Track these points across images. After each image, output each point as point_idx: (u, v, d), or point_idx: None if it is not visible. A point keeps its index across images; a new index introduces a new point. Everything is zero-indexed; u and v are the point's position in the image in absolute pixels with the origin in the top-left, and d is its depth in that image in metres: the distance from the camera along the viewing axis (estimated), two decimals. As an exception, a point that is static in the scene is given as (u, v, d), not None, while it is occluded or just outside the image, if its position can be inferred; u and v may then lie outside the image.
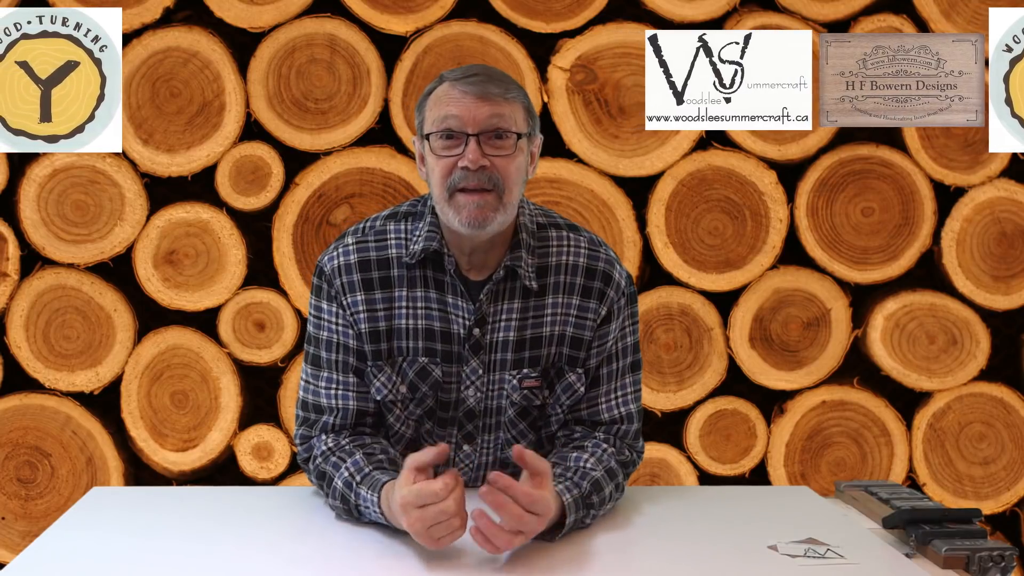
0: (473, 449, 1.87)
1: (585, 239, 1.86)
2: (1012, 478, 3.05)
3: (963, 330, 3.00)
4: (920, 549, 1.65)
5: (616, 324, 1.85)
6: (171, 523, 1.73)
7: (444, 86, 1.76)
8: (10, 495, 2.90)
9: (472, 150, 1.70)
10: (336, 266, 1.81)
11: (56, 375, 2.89)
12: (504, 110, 1.72)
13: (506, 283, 1.81)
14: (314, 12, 2.89)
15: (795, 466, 3.01)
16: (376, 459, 1.73)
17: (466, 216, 1.71)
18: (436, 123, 1.74)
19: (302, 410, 1.86)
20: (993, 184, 2.99)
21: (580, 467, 1.74)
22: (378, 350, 1.81)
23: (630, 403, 1.88)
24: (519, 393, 1.83)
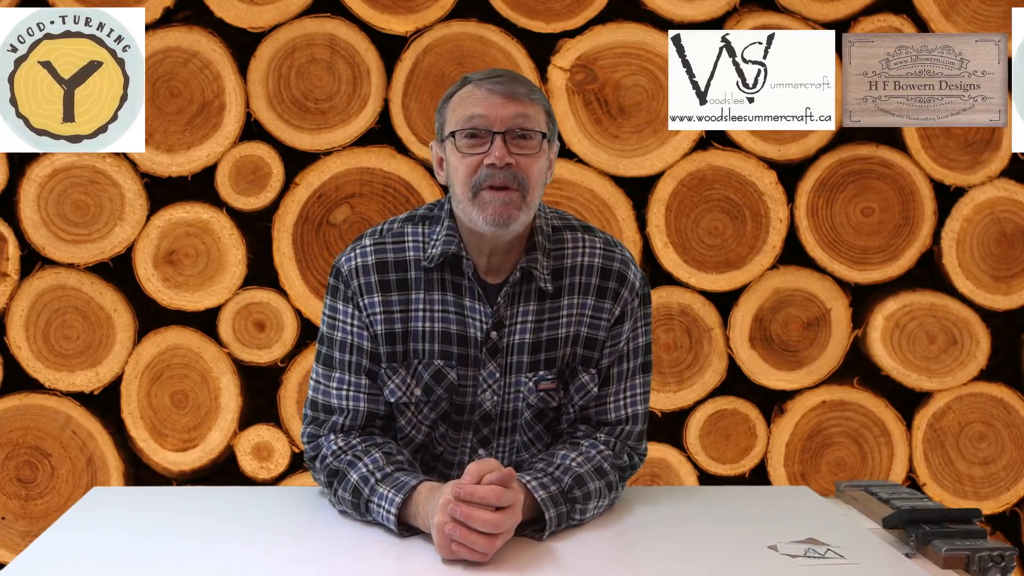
0: (488, 453, 1.87)
1: (600, 240, 1.86)
2: (1012, 478, 3.05)
3: (963, 330, 3.00)
4: (920, 549, 1.65)
5: (629, 324, 1.85)
6: (171, 523, 1.73)
7: (469, 87, 1.77)
8: (10, 495, 2.90)
9: (498, 147, 1.71)
10: (354, 267, 1.81)
11: (56, 375, 2.89)
12: (529, 110, 1.74)
13: (522, 285, 1.81)
14: (314, 12, 2.89)
15: (795, 466, 3.02)
16: (396, 459, 1.73)
17: (491, 213, 1.71)
18: (461, 122, 1.74)
19: (311, 409, 1.86)
20: (993, 184, 2.99)
21: (563, 463, 1.74)
22: (393, 352, 1.81)
23: (638, 404, 1.88)
24: (535, 395, 1.83)
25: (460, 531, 1.52)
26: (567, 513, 1.67)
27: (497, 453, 1.87)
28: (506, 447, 1.87)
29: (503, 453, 1.88)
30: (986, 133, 2.96)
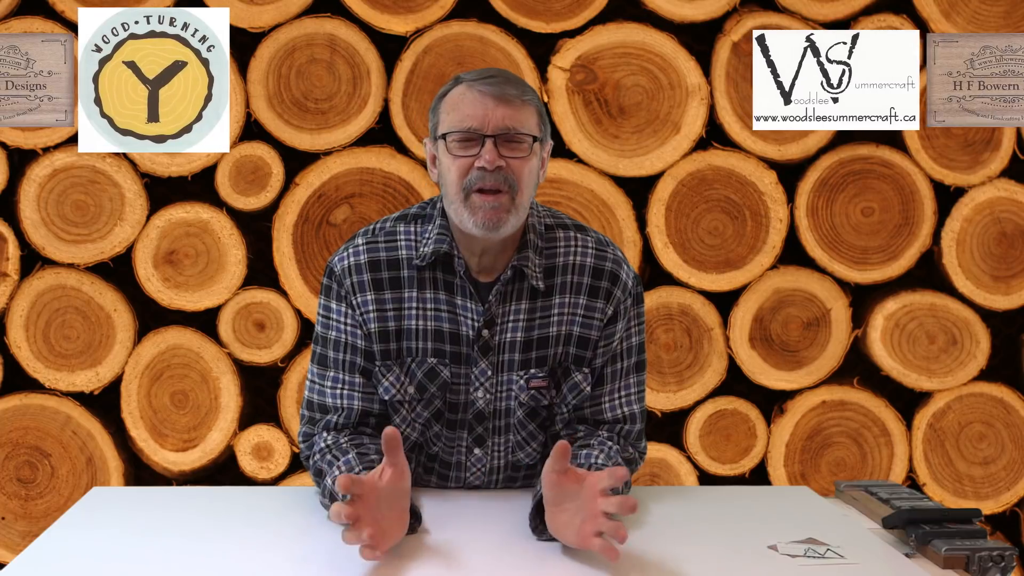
0: (484, 452, 1.87)
1: (592, 239, 1.86)
2: (1012, 478, 3.05)
3: (963, 330, 3.00)
4: (920, 549, 1.65)
5: (622, 324, 1.86)
6: (171, 523, 1.73)
7: (460, 87, 1.77)
8: (10, 495, 2.90)
9: (489, 151, 1.71)
10: (346, 266, 1.82)
11: (56, 375, 2.89)
12: (520, 113, 1.74)
13: (514, 284, 1.81)
14: (314, 12, 2.89)
15: (795, 466, 3.01)
16: (369, 459, 1.73)
17: (481, 218, 1.72)
18: (453, 124, 1.74)
19: (307, 409, 1.87)
20: (993, 184, 2.99)
21: (592, 463, 1.74)
22: (387, 350, 1.82)
23: (633, 403, 1.88)
24: (527, 394, 1.83)
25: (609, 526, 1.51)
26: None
27: (492, 453, 1.88)
28: (500, 446, 1.87)
29: (498, 452, 1.88)
30: (986, 133, 2.96)
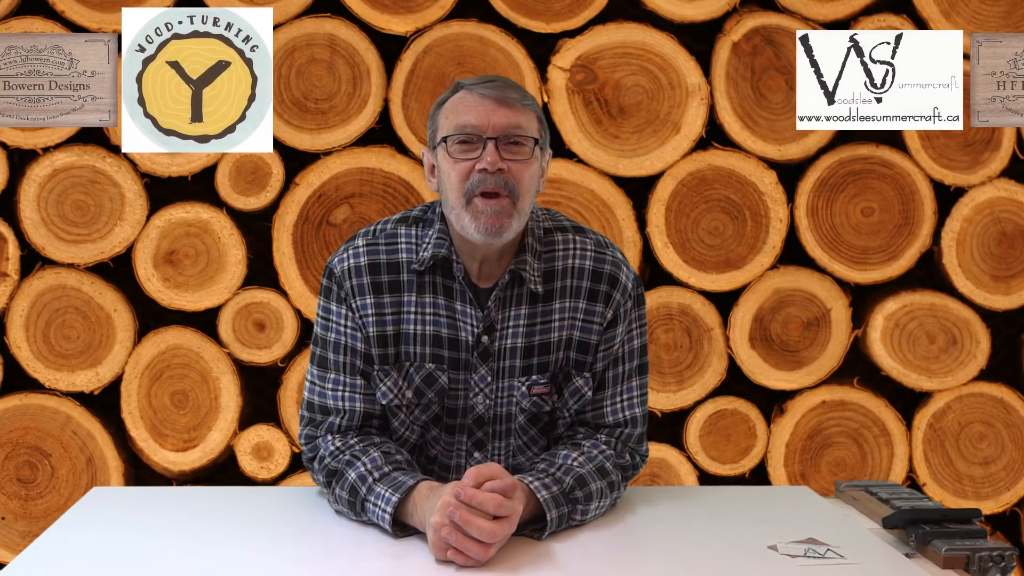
0: (484, 456, 1.86)
1: (591, 241, 1.85)
2: (1012, 478, 3.05)
3: (963, 330, 3.00)
4: (920, 549, 1.65)
5: (623, 327, 1.85)
6: (171, 523, 1.73)
7: (461, 93, 1.77)
8: (10, 495, 2.90)
9: (490, 152, 1.71)
10: (346, 268, 1.81)
11: (56, 375, 2.89)
12: (521, 116, 1.74)
13: (513, 289, 1.81)
14: (314, 12, 2.89)
15: (795, 466, 3.01)
16: (394, 459, 1.73)
17: (483, 223, 1.71)
18: (453, 128, 1.74)
19: (308, 411, 1.86)
20: (993, 184, 2.99)
21: (565, 464, 1.73)
22: (385, 354, 1.81)
23: (635, 407, 1.87)
24: (528, 400, 1.82)
25: (456, 536, 1.52)
26: (568, 514, 1.67)
27: (492, 457, 1.87)
28: (501, 450, 1.87)
29: (499, 456, 1.87)
30: (986, 133, 2.96)
